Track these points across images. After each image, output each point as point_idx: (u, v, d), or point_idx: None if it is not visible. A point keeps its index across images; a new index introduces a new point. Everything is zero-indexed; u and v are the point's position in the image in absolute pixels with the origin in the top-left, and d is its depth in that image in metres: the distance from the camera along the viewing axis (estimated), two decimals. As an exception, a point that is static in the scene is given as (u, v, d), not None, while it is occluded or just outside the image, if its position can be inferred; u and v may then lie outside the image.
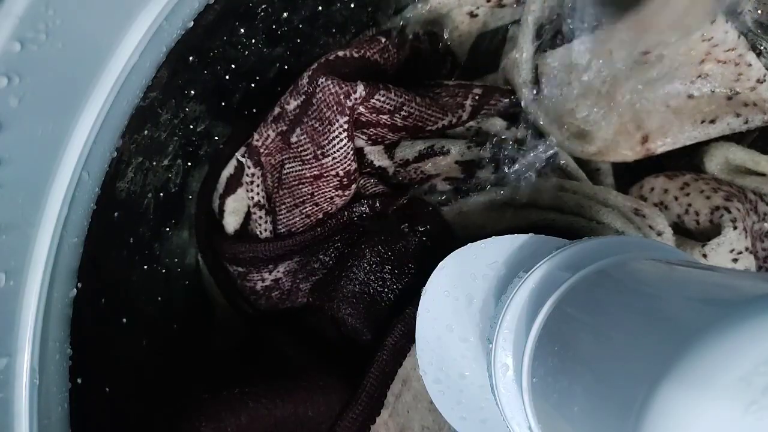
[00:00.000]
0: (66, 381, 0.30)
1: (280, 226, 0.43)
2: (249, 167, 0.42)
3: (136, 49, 0.30)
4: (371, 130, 0.42)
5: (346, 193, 0.42)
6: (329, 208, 0.42)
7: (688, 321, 0.18)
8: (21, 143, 0.26)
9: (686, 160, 0.46)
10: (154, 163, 0.39)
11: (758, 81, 0.42)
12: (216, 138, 0.44)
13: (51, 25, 0.25)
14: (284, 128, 0.41)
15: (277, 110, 0.42)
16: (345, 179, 0.41)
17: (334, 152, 0.40)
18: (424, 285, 0.33)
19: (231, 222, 0.44)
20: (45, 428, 0.28)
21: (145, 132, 0.36)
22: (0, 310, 0.26)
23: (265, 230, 0.43)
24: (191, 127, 0.41)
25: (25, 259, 0.27)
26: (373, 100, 0.39)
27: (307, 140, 0.40)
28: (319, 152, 0.40)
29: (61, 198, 0.28)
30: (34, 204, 0.27)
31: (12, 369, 0.27)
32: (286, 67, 0.45)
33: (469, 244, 0.32)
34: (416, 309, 0.33)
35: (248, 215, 0.44)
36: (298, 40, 0.44)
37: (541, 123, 0.46)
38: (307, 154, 0.41)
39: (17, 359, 0.27)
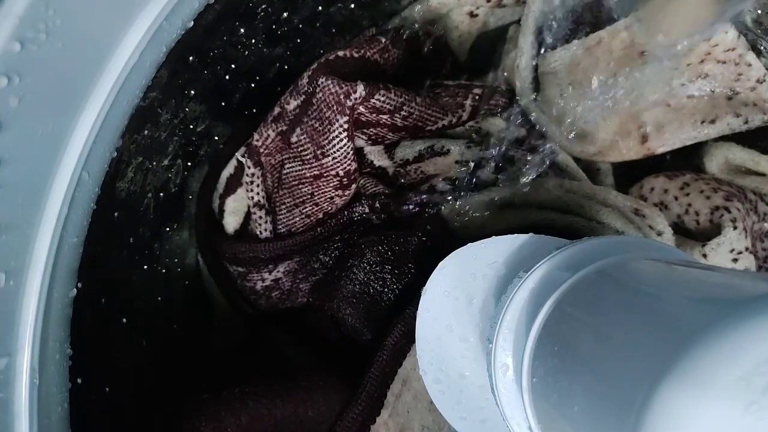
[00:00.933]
0: (66, 381, 0.30)
1: (280, 226, 0.43)
2: (249, 167, 0.42)
3: (136, 49, 0.30)
4: (371, 130, 0.42)
5: (346, 193, 0.42)
6: (329, 208, 0.42)
7: (688, 321, 0.18)
8: (21, 143, 0.25)
9: (686, 160, 0.46)
10: (154, 163, 0.39)
11: (758, 81, 0.42)
12: (216, 138, 0.44)
13: (51, 25, 0.25)
14: (284, 128, 0.41)
15: (277, 110, 0.42)
16: (345, 179, 0.41)
17: (334, 152, 0.40)
18: (424, 285, 0.33)
19: (231, 222, 0.44)
20: (45, 428, 0.28)
21: (145, 132, 0.36)
22: (0, 310, 0.26)
23: (265, 230, 0.43)
24: (191, 127, 0.41)
25: (25, 259, 0.27)
26: (373, 100, 0.39)
27: (307, 140, 0.40)
28: (319, 152, 0.40)
29: (61, 198, 0.28)
30: (34, 204, 0.27)
31: (12, 369, 0.27)
32: (286, 67, 0.45)
33: (469, 244, 0.32)
34: (416, 309, 0.33)
35: (248, 215, 0.44)
36: (298, 40, 0.44)
37: (541, 123, 0.46)
38: (307, 154, 0.41)
39: (17, 359, 0.27)
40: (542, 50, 0.46)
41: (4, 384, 0.26)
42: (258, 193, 0.43)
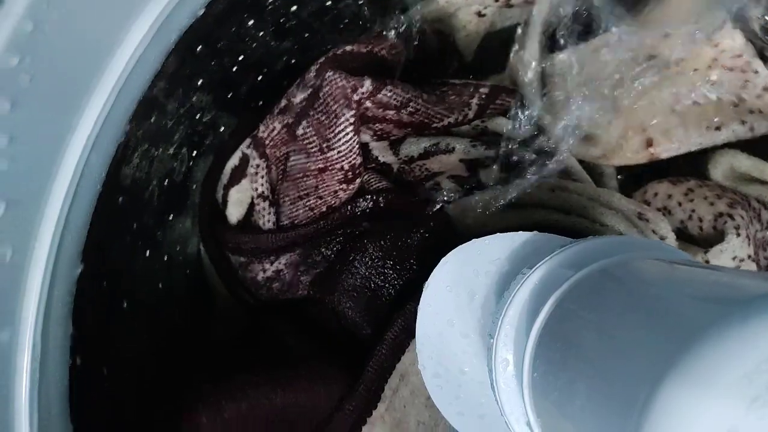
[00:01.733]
0: (66, 378, 0.30)
1: (283, 218, 0.43)
2: (254, 159, 0.42)
3: (145, 37, 0.30)
4: (377, 125, 0.42)
5: (351, 187, 0.42)
6: (333, 202, 0.42)
7: (691, 319, 0.18)
8: (31, 123, 0.26)
9: (691, 167, 0.46)
10: (160, 151, 0.38)
11: (764, 89, 0.42)
12: (222, 129, 0.45)
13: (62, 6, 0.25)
14: (290, 120, 0.41)
15: (283, 102, 0.42)
16: (350, 173, 0.41)
17: (340, 146, 0.40)
18: (425, 281, 0.33)
19: (234, 212, 0.44)
20: (45, 425, 0.28)
21: (152, 119, 0.36)
22: (4, 286, 0.26)
23: (269, 221, 0.43)
24: (197, 117, 0.41)
25: (30, 238, 0.27)
26: (380, 95, 0.39)
27: (313, 133, 0.41)
28: (324, 145, 0.40)
29: (69, 177, 0.28)
30: (43, 182, 0.27)
31: (15, 344, 0.27)
32: (293, 61, 0.45)
33: (473, 240, 0.32)
34: (417, 304, 0.33)
35: (252, 206, 0.44)
36: (306, 35, 0.44)
37: (547, 124, 0.46)
38: (312, 147, 0.41)
39: (20, 334, 0.27)
40: (549, 51, 0.46)
41: (5, 361, 0.27)
42: (262, 185, 0.43)
